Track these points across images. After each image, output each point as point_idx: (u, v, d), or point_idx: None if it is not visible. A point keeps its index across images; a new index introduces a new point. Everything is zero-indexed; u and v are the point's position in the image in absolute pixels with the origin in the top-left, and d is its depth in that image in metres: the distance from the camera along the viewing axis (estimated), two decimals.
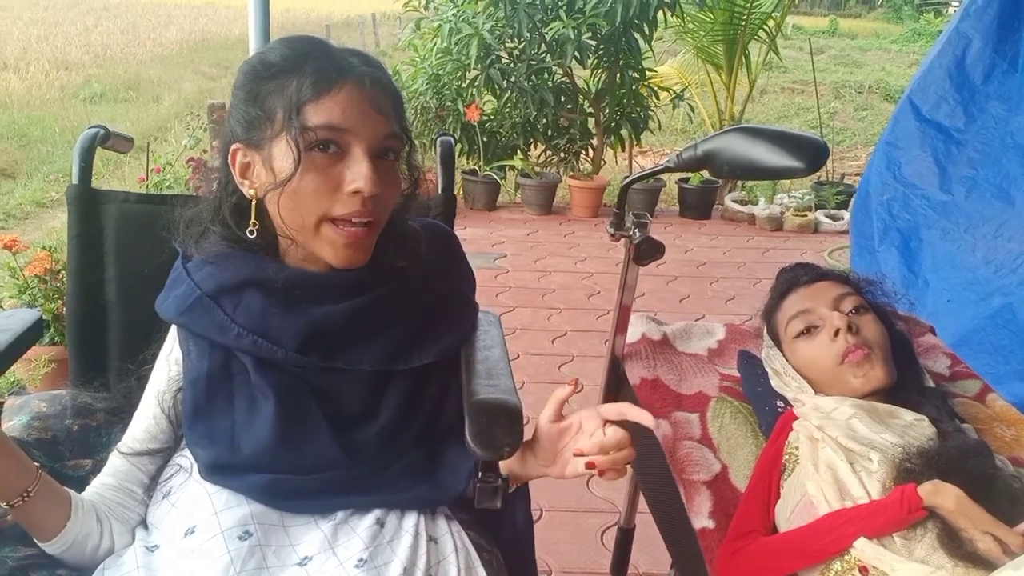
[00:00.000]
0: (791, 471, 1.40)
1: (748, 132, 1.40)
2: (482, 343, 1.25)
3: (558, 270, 4.72)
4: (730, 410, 1.60)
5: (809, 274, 1.58)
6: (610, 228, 1.58)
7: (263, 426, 1.06)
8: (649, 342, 1.78)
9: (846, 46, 16.64)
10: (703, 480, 1.49)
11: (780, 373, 1.55)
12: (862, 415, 1.38)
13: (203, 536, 1.01)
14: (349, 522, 1.07)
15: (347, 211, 1.04)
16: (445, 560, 1.06)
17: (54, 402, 1.27)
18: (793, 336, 1.52)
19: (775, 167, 1.36)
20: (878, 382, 1.42)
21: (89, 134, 1.47)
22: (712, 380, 1.70)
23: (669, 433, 1.56)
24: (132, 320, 1.42)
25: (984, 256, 2.78)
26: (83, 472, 1.17)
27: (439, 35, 5.56)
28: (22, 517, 1.01)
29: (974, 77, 3.05)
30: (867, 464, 1.31)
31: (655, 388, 1.66)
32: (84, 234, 1.44)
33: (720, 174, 1.44)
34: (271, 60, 1.06)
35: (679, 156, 1.46)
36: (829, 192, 5.78)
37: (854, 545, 1.21)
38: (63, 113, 9.46)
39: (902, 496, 1.20)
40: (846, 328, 1.44)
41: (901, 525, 1.20)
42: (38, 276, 2.89)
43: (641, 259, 1.55)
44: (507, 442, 1.03)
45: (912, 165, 3.15)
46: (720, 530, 1.41)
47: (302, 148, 1.01)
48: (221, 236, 1.14)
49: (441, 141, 1.53)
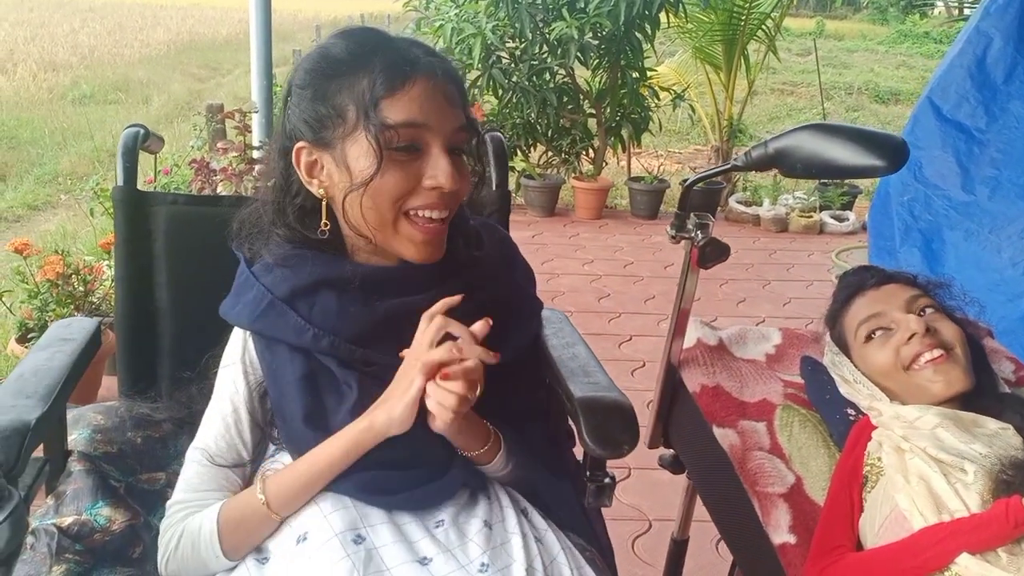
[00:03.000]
0: (874, 483, 1.35)
1: (823, 129, 1.36)
2: (561, 340, 1.25)
3: (566, 272, 4.69)
4: (798, 418, 1.54)
5: (876, 276, 1.53)
6: (671, 230, 1.52)
7: (346, 420, 1.04)
8: (705, 347, 1.72)
9: (833, 47, 16.70)
10: (779, 493, 1.43)
11: (850, 381, 1.50)
12: (948, 424, 1.32)
13: (317, 541, 0.97)
14: (458, 526, 1.04)
15: (423, 203, 1.02)
16: (556, 560, 1.04)
17: (110, 414, 1.22)
18: (864, 341, 1.48)
19: (854, 166, 1.32)
20: (960, 385, 1.37)
21: (131, 133, 1.43)
22: (775, 387, 1.64)
23: (737, 443, 1.50)
24: (184, 327, 1.38)
25: (1011, 257, 2.76)
26: (159, 486, 1.14)
27: (440, 35, 5.51)
28: (267, 531, 1.01)
29: (995, 76, 3.04)
30: (961, 476, 1.26)
31: (716, 396, 1.60)
32: (132, 238, 1.39)
33: (793, 173, 1.39)
34: (336, 55, 1.03)
35: (748, 155, 1.42)
36: (834, 193, 5.77)
37: (956, 561, 1.17)
38: (52, 115, 9.34)
39: (1007, 508, 1.16)
40: (923, 331, 1.38)
41: (1006, 539, 1.16)
42: (50, 280, 2.83)
43: (706, 262, 1.49)
44: (625, 439, 1.03)
45: (933, 165, 3.14)
46: (801, 545, 1.35)
47: (383, 147, 0.98)
48: (286, 238, 1.11)
49: (492, 137, 1.50)
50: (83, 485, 1.11)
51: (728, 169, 1.51)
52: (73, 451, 1.16)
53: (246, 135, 3.47)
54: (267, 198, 1.13)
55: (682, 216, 1.52)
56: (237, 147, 3.40)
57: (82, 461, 1.14)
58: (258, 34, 3.64)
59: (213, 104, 4.70)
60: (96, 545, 1.05)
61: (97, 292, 2.92)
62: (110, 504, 1.10)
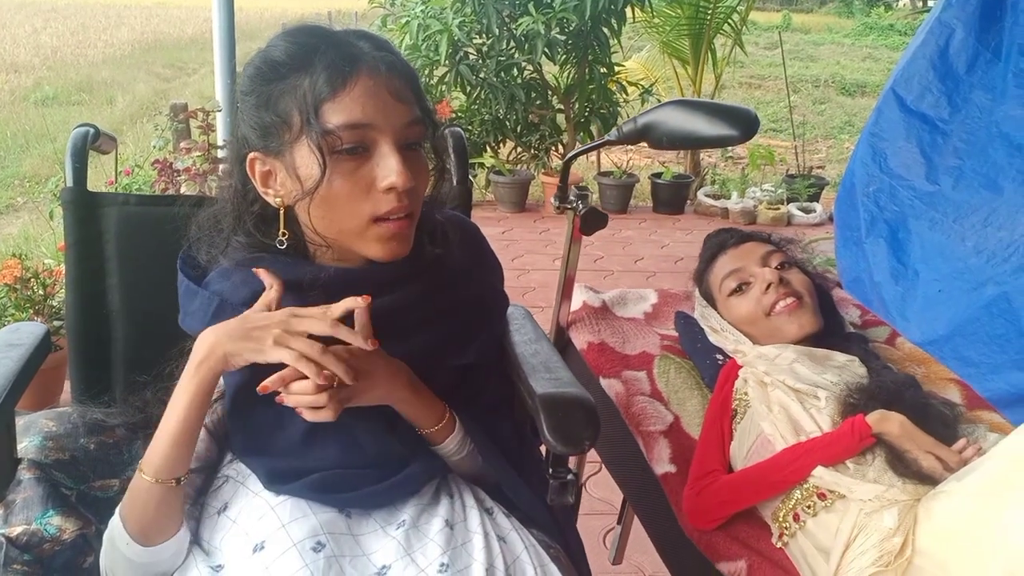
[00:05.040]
0: (742, 415, 1.52)
1: (685, 104, 1.52)
2: (523, 336, 1.24)
3: (536, 268, 4.67)
4: (674, 366, 1.74)
5: (735, 236, 1.75)
6: (554, 201, 1.69)
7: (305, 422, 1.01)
8: (591, 309, 1.92)
9: (800, 40, 16.80)
10: (659, 430, 1.61)
11: (717, 330, 1.69)
12: (803, 359, 1.52)
13: (275, 551, 0.95)
14: (419, 527, 1.03)
15: (388, 209, 0.99)
16: (519, 559, 1.03)
17: (62, 420, 1.19)
18: (727, 294, 1.68)
19: (711, 136, 1.48)
20: (811, 327, 1.59)
21: (80, 132, 1.40)
22: (653, 340, 1.84)
23: (622, 391, 1.67)
24: (137, 330, 1.35)
25: (975, 245, 2.78)
26: (112, 493, 1.11)
27: (407, 31, 5.47)
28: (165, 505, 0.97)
29: (958, 67, 3.05)
30: (815, 402, 1.45)
31: (602, 351, 1.78)
32: (82, 240, 1.36)
33: (659, 145, 1.54)
34: (276, 58, 0.99)
35: (619, 130, 1.57)
36: (801, 185, 5.80)
37: (813, 473, 1.34)
38: (14, 117, 9.16)
39: (853, 426, 1.35)
40: (777, 281, 1.60)
41: (853, 452, 1.35)
42: (8, 285, 2.77)
43: (587, 229, 1.66)
44: (587, 435, 1.02)
45: (898, 156, 3.14)
46: (680, 474, 1.52)
47: (326, 152, 0.95)
48: (246, 245, 1.08)
49: (451, 132, 1.49)
50: (33, 494, 1.08)
51: (602, 143, 1.66)
52: (23, 459, 1.13)
53: (210, 134, 3.43)
54: (225, 205, 1.11)
55: (564, 188, 1.70)
56: (201, 147, 3.36)
57: (32, 469, 1.11)
58: (222, 32, 3.60)
59: (177, 103, 4.63)
60: (46, 555, 1.02)
61: (57, 296, 2.86)
62: (61, 513, 1.07)
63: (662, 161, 6.82)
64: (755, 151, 6.10)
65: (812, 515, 1.34)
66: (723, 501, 1.42)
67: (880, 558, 1.23)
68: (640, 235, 5.38)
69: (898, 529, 1.24)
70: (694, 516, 1.43)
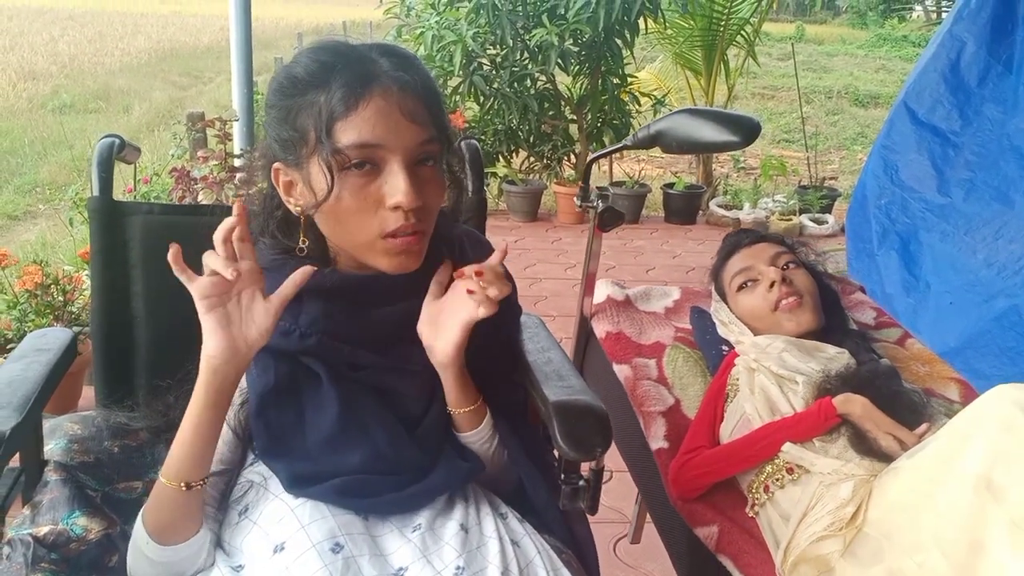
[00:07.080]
0: (733, 398, 1.63)
1: (693, 113, 1.64)
2: (536, 345, 1.27)
3: (548, 277, 4.69)
4: (683, 355, 1.87)
5: (750, 237, 1.85)
6: (577, 200, 1.84)
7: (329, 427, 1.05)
8: (613, 302, 2.03)
9: (813, 51, 16.80)
10: (659, 411, 1.73)
11: (725, 322, 1.79)
12: (791, 348, 1.62)
13: (294, 552, 0.97)
14: (435, 530, 1.06)
15: (396, 226, 1.01)
16: (532, 563, 1.06)
17: (87, 423, 1.22)
18: (736, 289, 1.77)
19: (716, 142, 1.62)
20: (808, 325, 1.68)
21: (106, 143, 1.42)
22: (668, 332, 1.96)
23: (630, 375, 1.81)
24: (161, 336, 1.38)
25: (986, 258, 2.79)
26: (136, 494, 1.14)
27: (421, 42, 5.52)
28: (181, 507, 1.00)
29: (969, 80, 3.07)
30: (792, 386, 1.56)
31: (618, 340, 1.91)
32: (108, 248, 1.39)
33: (670, 150, 1.68)
34: (297, 75, 1.02)
35: (635, 136, 1.70)
36: (813, 196, 5.80)
37: (782, 449, 1.46)
38: (32, 124, 9.27)
39: (819, 406, 1.47)
40: (780, 280, 1.69)
41: (819, 431, 1.47)
42: (29, 291, 2.81)
43: (605, 226, 1.80)
44: (598, 442, 1.05)
45: (909, 168, 3.17)
46: (672, 450, 1.64)
47: (335, 169, 0.98)
48: (271, 247, 1.11)
49: (467, 144, 1.51)
50: (59, 495, 1.11)
51: (621, 147, 1.84)
52: (49, 461, 1.16)
53: (227, 143, 3.47)
54: (254, 208, 1.14)
55: (585, 188, 1.85)
56: (218, 155, 3.40)
57: (58, 471, 1.14)
58: (238, 42, 3.63)
59: (193, 112, 4.68)
60: (72, 554, 1.05)
61: (77, 302, 2.90)
62: (86, 513, 1.10)
63: (674, 171, 6.84)
64: (767, 162, 6.11)
65: (780, 487, 1.46)
66: (703, 472, 1.54)
67: (832, 524, 1.33)
68: (652, 245, 5.40)
69: (851, 500, 1.34)
70: (677, 485, 1.56)
